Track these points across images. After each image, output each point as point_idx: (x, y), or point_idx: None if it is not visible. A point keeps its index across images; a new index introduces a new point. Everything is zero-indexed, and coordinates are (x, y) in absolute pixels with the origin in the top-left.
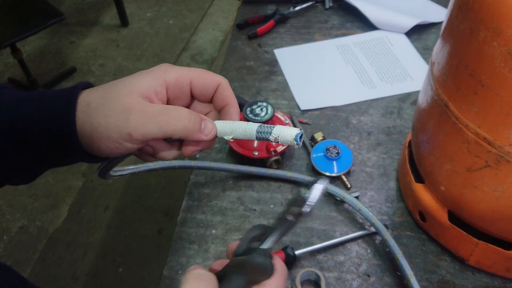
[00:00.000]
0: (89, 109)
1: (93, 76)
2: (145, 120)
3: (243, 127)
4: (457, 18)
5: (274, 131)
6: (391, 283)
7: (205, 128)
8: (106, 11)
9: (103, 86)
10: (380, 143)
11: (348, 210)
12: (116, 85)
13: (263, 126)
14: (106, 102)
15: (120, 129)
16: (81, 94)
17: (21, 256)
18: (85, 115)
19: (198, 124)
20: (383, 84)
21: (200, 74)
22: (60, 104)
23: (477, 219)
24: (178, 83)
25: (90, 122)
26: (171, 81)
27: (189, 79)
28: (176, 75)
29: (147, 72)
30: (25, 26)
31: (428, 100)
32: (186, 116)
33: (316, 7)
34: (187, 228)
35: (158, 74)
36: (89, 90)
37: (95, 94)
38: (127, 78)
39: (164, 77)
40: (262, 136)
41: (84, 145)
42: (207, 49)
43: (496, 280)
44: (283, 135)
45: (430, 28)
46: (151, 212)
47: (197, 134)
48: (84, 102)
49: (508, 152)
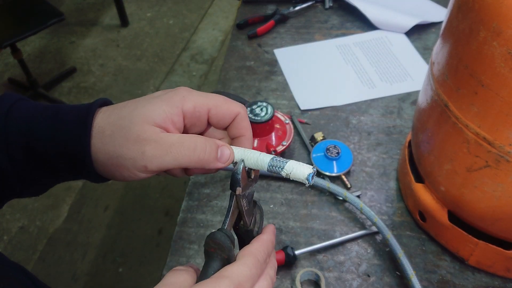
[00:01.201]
0: (103, 136)
1: (93, 76)
2: (161, 153)
3: (255, 157)
4: (457, 18)
5: (287, 167)
6: (391, 283)
7: (222, 156)
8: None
9: (119, 109)
10: (380, 143)
11: (348, 210)
12: (131, 111)
13: (275, 160)
14: (121, 130)
15: (135, 161)
16: (96, 117)
17: (21, 256)
18: (99, 142)
19: (214, 153)
20: (383, 84)
21: (218, 103)
22: (75, 128)
23: (477, 219)
24: (196, 111)
25: (105, 150)
26: (188, 110)
27: (207, 108)
28: (194, 104)
29: (164, 99)
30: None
31: (428, 100)
32: (202, 147)
33: (316, 7)
34: (187, 228)
35: (175, 102)
36: (104, 112)
37: (110, 118)
38: (143, 103)
39: (181, 106)
40: (273, 169)
41: (98, 169)
42: (207, 49)
43: (496, 280)
44: (295, 172)
45: (430, 28)
46: (151, 212)
47: (213, 163)
48: (99, 127)
49: (508, 152)
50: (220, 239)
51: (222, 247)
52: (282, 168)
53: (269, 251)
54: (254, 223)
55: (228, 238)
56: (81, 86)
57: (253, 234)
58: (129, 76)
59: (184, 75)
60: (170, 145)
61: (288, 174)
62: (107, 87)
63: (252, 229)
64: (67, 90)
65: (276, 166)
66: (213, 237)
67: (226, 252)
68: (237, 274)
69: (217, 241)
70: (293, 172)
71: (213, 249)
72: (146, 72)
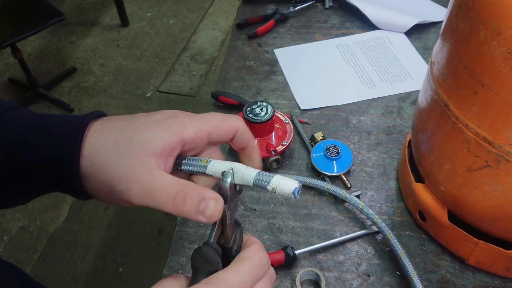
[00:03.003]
0: (96, 160)
1: (93, 76)
2: (144, 194)
3: (242, 172)
4: (457, 17)
5: (273, 182)
6: (391, 283)
7: (205, 211)
8: (106, 11)
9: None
10: (380, 142)
11: (348, 209)
12: (130, 137)
13: (261, 174)
14: (114, 157)
15: (121, 194)
16: (89, 134)
17: (21, 256)
18: (91, 165)
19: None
20: (383, 84)
21: (218, 124)
22: (65, 145)
23: (477, 219)
24: (197, 137)
25: (95, 176)
26: (189, 137)
27: (207, 132)
28: (195, 130)
29: (163, 126)
30: (25, 26)
31: (428, 100)
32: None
33: (316, 6)
34: (187, 228)
35: (175, 130)
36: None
37: (107, 141)
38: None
39: (182, 134)
40: (259, 183)
41: (85, 189)
42: (207, 48)
43: (496, 280)
44: (281, 187)
45: (430, 27)
46: (151, 211)
47: (194, 216)
48: (92, 149)
49: (508, 152)
50: (207, 253)
51: (209, 261)
52: (268, 182)
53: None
54: (234, 241)
55: (215, 252)
56: (81, 86)
57: (232, 252)
58: (129, 76)
59: (184, 75)
60: (155, 189)
61: (274, 189)
62: (107, 87)
63: (232, 247)
64: (67, 90)
65: (262, 180)
66: (200, 251)
67: (214, 266)
68: (228, 280)
69: (204, 255)
70: (279, 187)
71: (200, 262)
72: (146, 72)
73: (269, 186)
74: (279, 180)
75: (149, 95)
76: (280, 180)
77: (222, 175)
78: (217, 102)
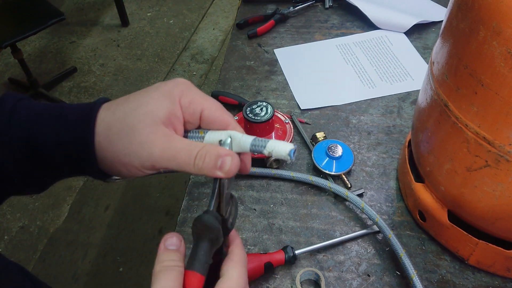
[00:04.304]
0: (110, 133)
1: (93, 76)
2: (168, 157)
3: (238, 139)
4: (457, 17)
5: (268, 145)
6: (391, 283)
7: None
8: (106, 11)
9: (122, 104)
10: (380, 142)
11: (348, 209)
12: (136, 107)
13: (257, 140)
14: (128, 128)
15: (143, 160)
16: (100, 114)
17: (21, 256)
18: (106, 140)
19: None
20: (383, 84)
21: (213, 107)
22: (78, 127)
23: (477, 218)
24: (190, 108)
25: (112, 149)
26: (184, 104)
27: (201, 107)
28: (190, 99)
29: (164, 93)
30: (25, 26)
31: (428, 100)
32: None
33: (316, 6)
34: (187, 228)
35: (174, 96)
36: (108, 108)
37: (116, 115)
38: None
39: (179, 100)
40: (256, 149)
41: (103, 166)
42: (208, 48)
43: (496, 280)
44: (277, 150)
45: (430, 27)
46: (152, 211)
47: (212, 172)
48: (104, 124)
49: (508, 152)
50: (208, 221)
51: (211, 229)
52: (264, 146)
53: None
54: (229, 214)
55: (215, 219)
56: (81, 86)
57: (228, 225)
58: (129, 76)
59: (184, 74)
60: (178, 151)
61: (270, 152)
62: (108, 87)
63: (227, 219)
64: (67, 90)
65: (258, 145)
66: (202, 220)
67: (215, 233)
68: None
69: (205, 223)
70: (275, 150)
71: (201, 230)
72: (146, 72)
73: (265, 150)
74: (275, 144)
75: None
76: (275, 143)
77: (220, 144)
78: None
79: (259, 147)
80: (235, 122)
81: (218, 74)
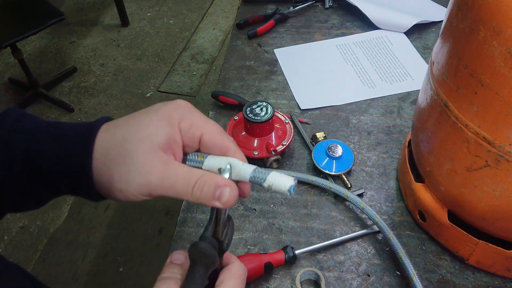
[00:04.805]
0: (107, 160)
1: (93, 76)
2: (166, 186)
3: (238, 168)
4: (457, 17)
5: (269, 179)
6: (391, 283)
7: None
8: (106, 11)
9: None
10: (380, 142)
11: (348, 209)
12: (135, 132)
13: (257, 171)
14: (126, 154)
15: (141, 188)
16: (98, 136)
17: (21, 256)
18: (102, 165)
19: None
20: (383, 84)
21: (213, 132)
22: (77, 149)
23: (477, 218)
24: (190, 132)
25: (109, 174)
26: (183, 128)
27: (200, 131)
28: (190, 123)
29: (164, 116)
30: (25, 26)
31: (428, 100)
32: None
33: (316, 6)
34: (187, 228)
35: (174, 120)
36: (107, 131)
37: (114, 139)
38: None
39: (179, 123)
40: (255, 181)
41: (99, 190)
42: (208, 48)
43: (496, 280)
44: (276, 184)
45: (430, 27)
46: (152, 211)
47: (210, 202)
48: (102, 150)
49: (508, 152)
50: (205, 248)
51: (206, 256)
52: (264, 180)
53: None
54: (225, 235)
55: (212, 247)
56: (81, 86)
57: (223, 246)
58: (129, 76)
59: (184, 74)
60: (175, 180)
61: (270, 186)
62: (108, 87)
63: (223, 241)
64: (67, 90)
65: (258, 177)
66: (198, 247)
67: (211, 259)
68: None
69: (202, 250)
70: (275, 184)
71: (198, 256)
72: (146, 72)
73: (265, 183)
74: (275, 177)
75: (149, 95)
76: (276, 177)
77: (219, 172)
78: (217, 102)
79: (259, 179)
80: (236, 147)
81: (218, 74)
